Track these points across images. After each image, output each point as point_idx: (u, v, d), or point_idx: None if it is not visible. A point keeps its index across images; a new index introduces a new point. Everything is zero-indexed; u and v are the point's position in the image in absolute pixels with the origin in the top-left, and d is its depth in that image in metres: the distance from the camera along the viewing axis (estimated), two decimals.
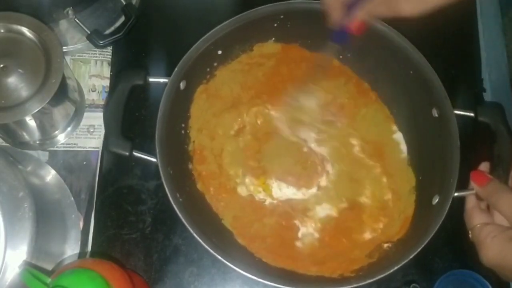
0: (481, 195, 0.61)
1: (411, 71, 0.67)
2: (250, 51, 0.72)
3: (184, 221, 0.58)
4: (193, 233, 0.58)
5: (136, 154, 0.61)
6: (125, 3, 0.72)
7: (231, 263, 0.57)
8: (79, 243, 0.68)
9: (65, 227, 0.68)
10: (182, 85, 0.65)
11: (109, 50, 0.77)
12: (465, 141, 0.63)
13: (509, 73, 0.79)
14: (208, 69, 0.70)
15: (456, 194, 0.60)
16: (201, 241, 0.57)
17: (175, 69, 0.64)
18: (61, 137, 0.72)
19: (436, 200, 0.62)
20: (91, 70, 0.76)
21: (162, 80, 0.64)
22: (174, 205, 0.59)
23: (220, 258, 0.57)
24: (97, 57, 0.77)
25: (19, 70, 0.62)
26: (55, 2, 0.69)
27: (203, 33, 0.66)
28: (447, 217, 0.59)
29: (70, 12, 0.69)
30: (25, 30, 0.63)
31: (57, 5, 0.69)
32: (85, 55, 0.77)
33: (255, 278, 0.57)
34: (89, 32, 0.70)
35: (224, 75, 0.71)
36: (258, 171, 0.68)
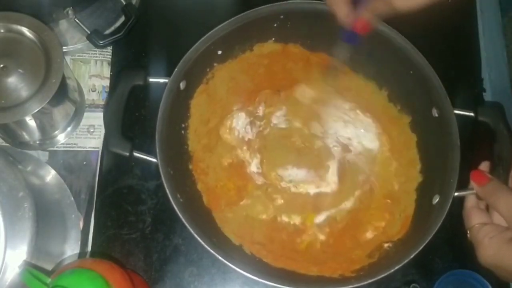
0: (480, 195, 0.60)
1: (411, 71, 0.67)
2: (250, 51, 0.72)
3: (184, 221, 0.58)
4: (193, 233, 0.58)
5: (136, 154, 0.61)
6: (125, 3, 0.72)
7: (231, 263, 0.57)
8: (79, 243, 0.68)
9: (65, 227, 0.68)
10: (182, 85, 0.65)
11: (109, 50, 0.77)
12: (465, 141, 0.63)
13: (509, 73, 0.80)
14: (208, 69, 0.70)
15: (456, 194, 0.60)
16: (201, 241, 0.57)
17: (175, 69, 0.64)
18: (61, 137, 0.72)
19: (436, 200, 0.62)
20: (91, 70, 0.76)
21: (162, 80, 0.64)
22: (174, 205, 0.59)
23: (220, 258, 0.57)
24: (97, 57, 0.77)
25: (19, 70, 0.62)
26: (55, 2, 0.69)
27: (203, 33, 0.66)
28: (447, 217, 0.59)
29: (70, 12, 0.69)
30: (25, 30, 0.63)
31: (57, 5, 0.69)
32: (85, 55, 0.77)
33: (255, 278, 0.57)
34: (89, 32, 0.70)
35: (224, 75, 0.71)
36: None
